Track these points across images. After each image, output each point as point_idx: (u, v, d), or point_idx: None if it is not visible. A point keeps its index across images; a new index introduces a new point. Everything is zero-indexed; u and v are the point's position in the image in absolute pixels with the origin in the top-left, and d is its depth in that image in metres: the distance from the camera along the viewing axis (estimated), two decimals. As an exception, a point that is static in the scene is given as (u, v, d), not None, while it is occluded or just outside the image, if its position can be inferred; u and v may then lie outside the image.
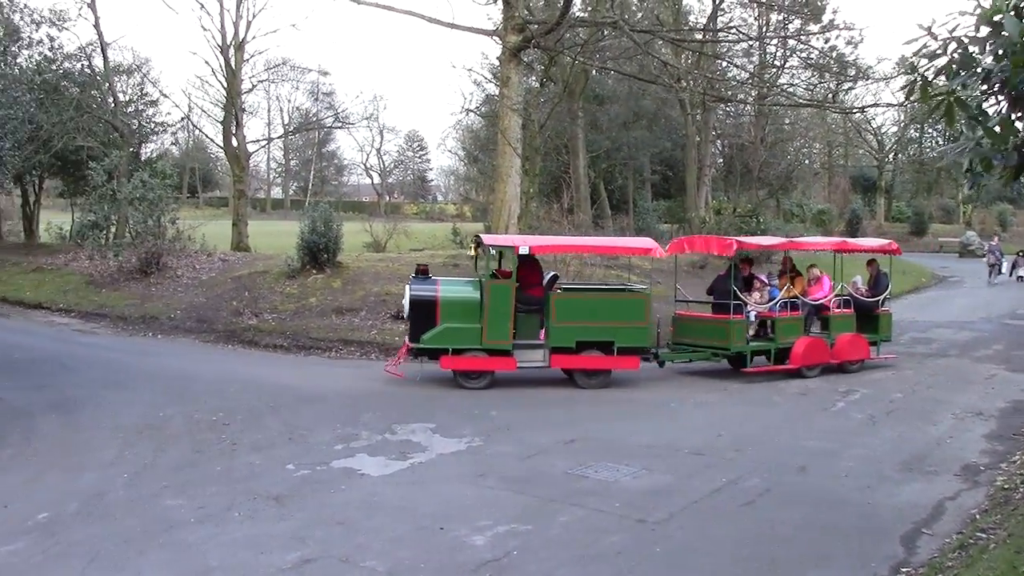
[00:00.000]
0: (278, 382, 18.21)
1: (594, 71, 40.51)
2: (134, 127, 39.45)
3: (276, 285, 25.82)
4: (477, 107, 49.79)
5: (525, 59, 32.11)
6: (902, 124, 79.11)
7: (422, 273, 18.92)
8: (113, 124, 37.37)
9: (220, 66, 39.39)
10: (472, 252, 20.96)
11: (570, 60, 32.92)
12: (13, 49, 32.02)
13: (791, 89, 41.87)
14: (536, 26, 29.27)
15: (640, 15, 42.32)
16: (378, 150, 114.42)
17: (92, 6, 38.04)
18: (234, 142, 40.21)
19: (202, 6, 41.13)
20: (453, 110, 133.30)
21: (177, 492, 11.26)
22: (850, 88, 53.42)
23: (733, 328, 19.00)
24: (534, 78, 38.57)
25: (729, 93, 40.38)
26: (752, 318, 19.63)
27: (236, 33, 39.01)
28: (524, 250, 18.17)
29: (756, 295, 19.99)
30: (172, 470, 12.29)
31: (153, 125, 42.04)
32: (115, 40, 64.62)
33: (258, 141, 63.18)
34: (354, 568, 8.79)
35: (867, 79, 46.54)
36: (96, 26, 38.21)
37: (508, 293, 17.95)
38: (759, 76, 41.82)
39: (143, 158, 39.09)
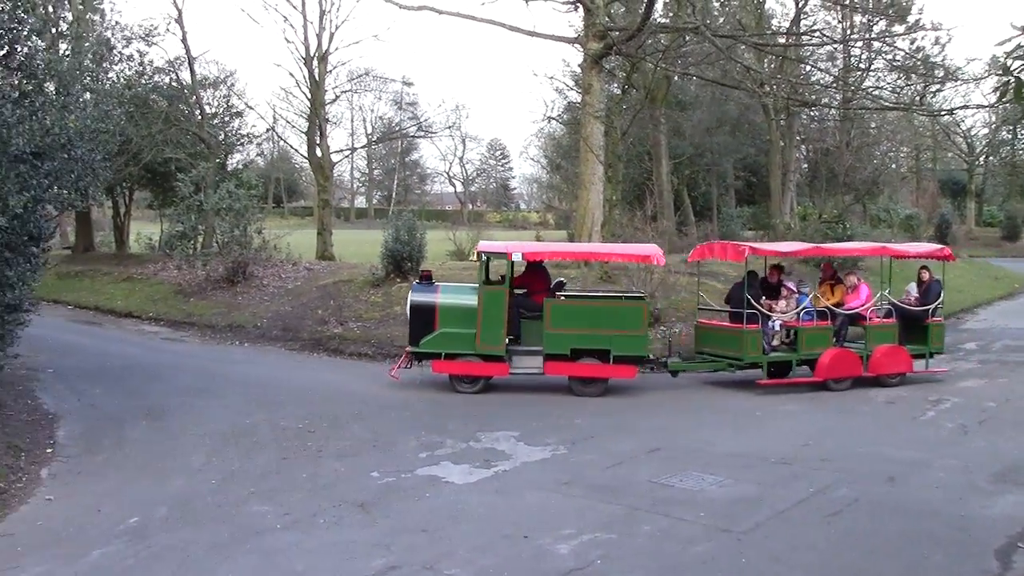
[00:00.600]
0: (363, 390, 18.36)
1: (676, 77, 40.25)
2: (220, 139, 40.07)
3: (361, 293, 26.04)
4: (559, 115, 49.76)
5: (607, 66, 32.07)
6: (993, 126, 77.41)
7: (425, 279, 19.36)
8: (200, 136, 38.02)
9: (304, 77, 39.89)
10: (476, 260, 20.89)
11: (652, 66, 32.78)
12: (105, 65, 32.71)
13: (877, 92, 41.24)
14: (617, 33, 29.20)
15: (722, 20, 42.01)
16: (461, 159, 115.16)
17: (180, 22, 38.82)
18: (318, 152, 40.65)
19: (286, 19, 42.07)
20: (535, 118, 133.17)
21: (264, 498, 11.41)
22: (938, 90, 52.46)
23: (746, 337, 18.43)
24: (616, 85, 38.47)
25: (813, 97, 39.83)
26: (776, 327, 19.24)
27: (319, 45, 39.48)
28: (516, 256, 18.49)
29: (782, 303, 19.49)
30: (259, 477, 12.46)
31: (239, 136, 42.66)
32: (202, 54, 65.57)
33: (342, 151, 64.24)
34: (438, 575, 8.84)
35: (956, 80, 45.68)
36: (183, 41, 39.00)
37: (501, 299, 18.16)
38: (844, 79, 41.25)
39: (229, 169, 39.67)
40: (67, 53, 20.87)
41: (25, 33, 14.00)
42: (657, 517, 10.44)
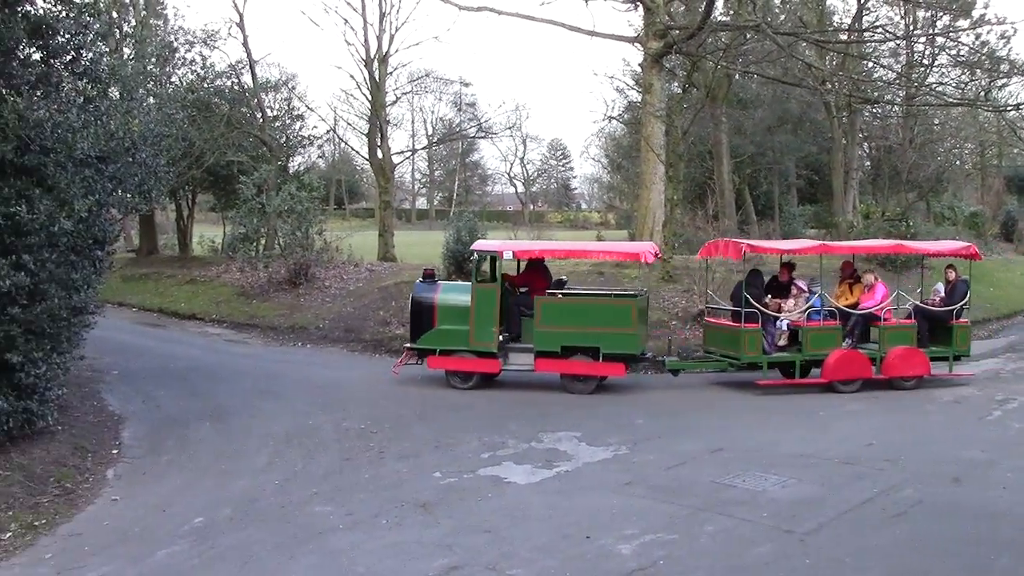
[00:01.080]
0: (425, 391, 18.41)
1: (737, 75, 39.95)
2: (282, 141, 40.38)
3: (422, 295, 26.09)
4: (619, 114, 49.62)
5: (667, 65, 31.92)
6: (1062, 121, 75.97)
7: (428, 277, 19.94)
8: (262, 139, 38.34)
9: (364, 79, 40.05)
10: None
11: (712, 65, 32.53)
12: (168, 69, 33.12)
13: (940, 88, 40.59)
14: (677, 31, 29.04)
15: (783, 17, 41.59)
16: (521, 159, 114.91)
17: (241, 26, 39.22)
18: (379, 154, 40.80)
19: (346, 21, 42.19)
20: (595, 118, 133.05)
21: (326, 499, 11.47)
22: (1003, 85, 51.44)
23: (744, 337, 18.29)
24: (676, 84, 38.23)
25: (876, 94, 39.27)
26: (784, 327, 18.94)
27: (380, 47, 39.61)
28: (508, 255, 19.08)
29: (790, 302, 19.19)
30: (321, 477, 12.53)
31: (300, 139, 42.92)
32: (263, 57, 66.33)
33: (402, 152, 64.12)
34: (500, 576, 8.82)
35: (1022, 75, 44.85)
36: (245, 44, 39.39)
37: (493, 297, 18.53)
38: (907, 76, 40.62)
39: (291, 171, 39.96)
40: (131, 58, 21.14)
41: (90, 39, 14.17)
42: (720, 518, 10.34)
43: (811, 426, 15.47)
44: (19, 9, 12.96)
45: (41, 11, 13.51)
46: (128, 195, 14.64)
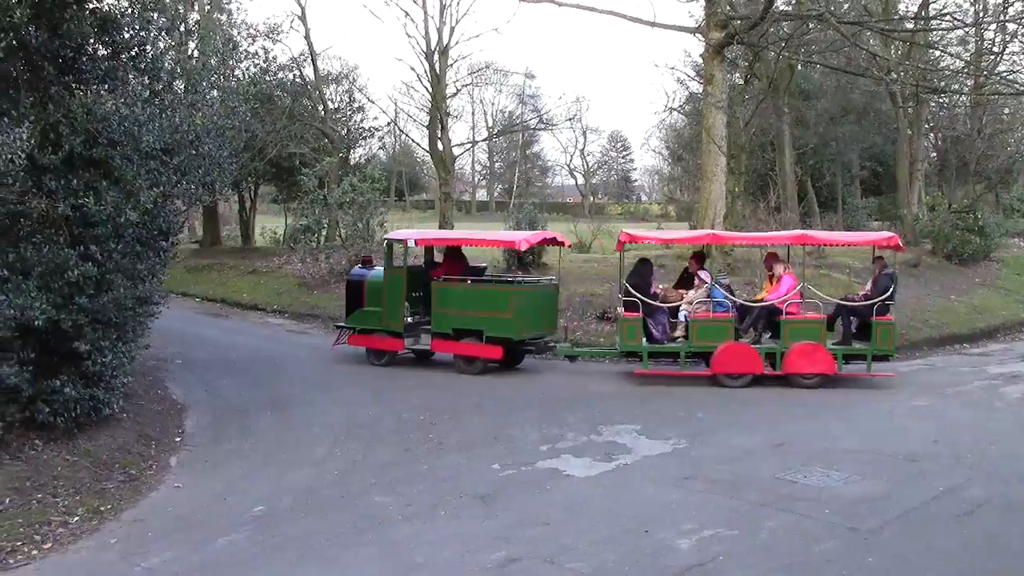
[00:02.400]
0: (484, 382, 18.47)
1: (799, 65, 39.51)
2: (343, 133, 40.64)
3: (481, 286, 26.15)
4: (680, 106, 49.23)
5: (728, 56, 31.59)
6: None
7: (365, 263, 22.27)
8: (323, 131, 38.61)
9: (425, 71, 40.14)
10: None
11: (774, 55, 32.25)
12: (231, 63, 33.40)
13: (1011, 76, 39.91)
14: (739, 22, 28.75)
15: (847, 6, 41.03)
16: (581, 151, 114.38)
17: (303, 19, 39.52)
18: (439, 146, 40.88)
19: (407, 14, 42.02)
20: (656, 109, 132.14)
21: (385, 489, 11.54)
22: (1077, 73, 50.52)
23: (622, 326, 18.71)
24: (738, 75, 37.93)
25: (943, 84, 38.62)
26: (682, 318, 18.79)
27: (440, 39, 39.66)
28: (411, 243, 21.39)
29: (691, 293, 19.03)
30: (380, 468, 12.60)
31: (361, 131, 43.16)
32: (324, 50, 66.89)
33: (463, 144, 64.16)
34: (559, 569, 8.80)
35: (1097, 63, 43.92)
36: (307, 37, 39.68)
37: (400, 282, 20.23)
38: (976, 64, 39.96)
39: (352, 163, 40.19)
40: (194, 52, 21.35)
41: (154, 34, 14.33)
42: (780, 514, 10.26)
43: (874, 421, 15.28)
44: (87, 6, 13.14)
45: (107, 7, 13.69)
46: (192, 187, 14.78)
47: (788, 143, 40.61)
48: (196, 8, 37.84)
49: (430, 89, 40.47)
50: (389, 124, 50.09)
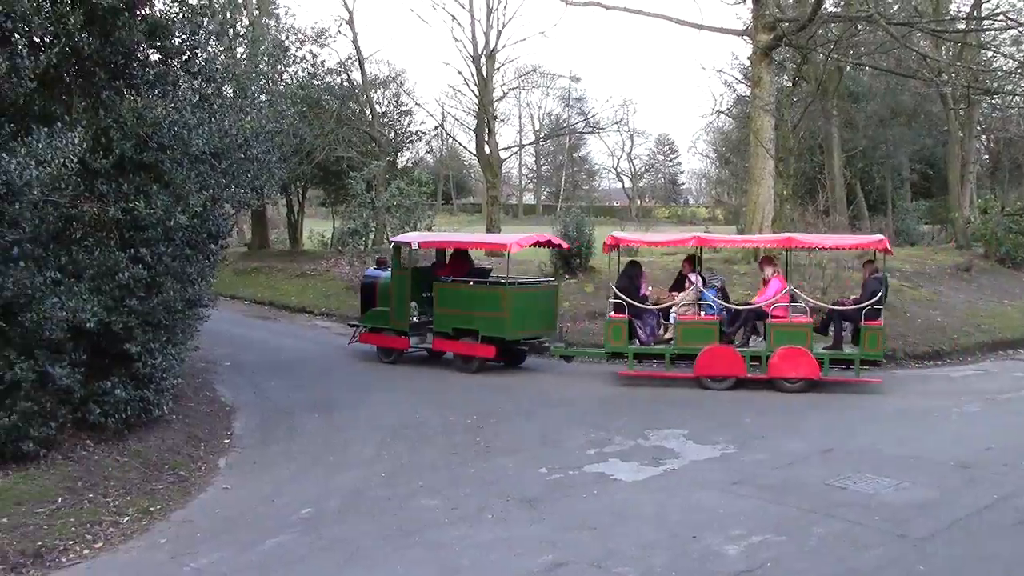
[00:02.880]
0: (531, 386, 18.47)
1: (848, 67, 39.21)
2: (390, 137, 40.84)
3: (529, 290, 26.15)
4: (728, 108, 49.12)
5: (776, 58, 31.47)
6: None
7: (380, 264, 23.04)
8: (371, 135, 38.83)
9: (472, 75, 40.30)
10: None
11: (823, 57, 32.00)
12: (279, 67, 33.62)
13: (1066, 78, 39.37)
14: (787, 24, 28.60)
15: (896, 7, 40.68)
16: (628, 154, 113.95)
17: (351, 23, 39.78)
18: (486, 149, 40.97)
19: (454, 18, 42.54)
20: (703, 112, 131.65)
21: (432, 492, 11.55)
22: None
23: (608, 327, 18.89)
24: (786, 77, 37.70)
25: (995, 85, 38.17)
26: (672, 320, 18.80)
27: (487, 42, 39.78)
28: (415, 245, 21.95)
29: (680, 295, 19.03)
30: (427, 470, 12.62)
31: (408, 134, 43.40)
32: (372, 54, 66.93)
33: (510, 148, 64.38)
34: (605, 573, 8.77)
35: None
36: (354, 42, 39.96)
37: (405, 283, 20.85)
38: (1029, 65, 39.47)
39: (399, 167, 40.36)
40: (244, 57, 21.53)
41: (204, 39, 14.46)
42: (830, 520, 10.16)
43: (924, 427, 15.10)
44: (139, 12, 13.28)
45: (159, 13, 13.83)
46: (241, 190, 14.88)
47: (837, 146, 40.31)
48: (245, 13, 38.12)
49: (477, 93, 40.61)
50: (436, 128, 50.50)
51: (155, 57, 14.15)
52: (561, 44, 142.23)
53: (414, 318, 20.85)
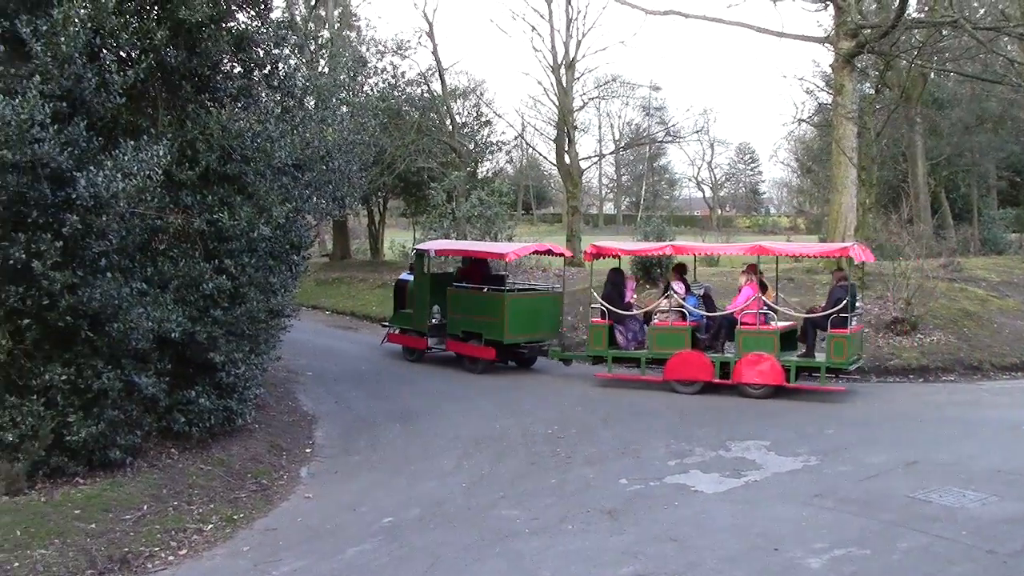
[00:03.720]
0: (612, 396, 18.40)
1: (932, 74, 38.65)
2: (470, 147, 41.02)
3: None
4: (809, 116, 48.56)
5: (859, 65, 31.03)
6: None
7: (412, 270, 24.27)
8: (451, 145, 39.03)
9: (552, 85, 40.44)
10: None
11: (907, 64, 31.55)
12: (360, 79, 33.98)
13: None
14: (869, 30, 28.22)
15: (982, 11, 40.03)
16: (709, 163, 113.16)
17: (431, 35, 40.12)
18: (566, 159, 41.02)
19: (534, 28, 42.63)
20: (785, 120, 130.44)
21: (513, 503, 11.55)
22: None
23: (591, 332, 19.77)
24: (869, 84, 37.20)
25: (1085, 90, 37.44)
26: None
27: (567, 52, 39.87)
28: (432, 252, 23.43)
29: (663, 303, 19.32)
30: (508, 481, 12.63)
31: (488, 145, 43.54)
32: (452, 65, 67.32)
33: (590, 158, 64.40)
34: (686, 586, 8.71)
35: None
36: (434, 53, 40.25)
37: (426, 286, 22.53)
38: (1121, 70, 38.57)
39: (480, 177, 40.52)
40: (325, 69, 21.80)
41: (286, 52, 14.66)
42: (915, 534, 9.96)
43: (1012, 439, 14.72)
44: (224, 26, 13.49)
45: (243, 26, 14.04)
46: (323, 201, 15.08)
47: (921, 154, 39.71)
48: (327, 26, 38.63)
49: (557, 102, 40.72)
50: (516, 138, 50.62)
51: (239, 70, 14.36)
52: (641, 53, 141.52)
53: (434, 320, 22.30)
